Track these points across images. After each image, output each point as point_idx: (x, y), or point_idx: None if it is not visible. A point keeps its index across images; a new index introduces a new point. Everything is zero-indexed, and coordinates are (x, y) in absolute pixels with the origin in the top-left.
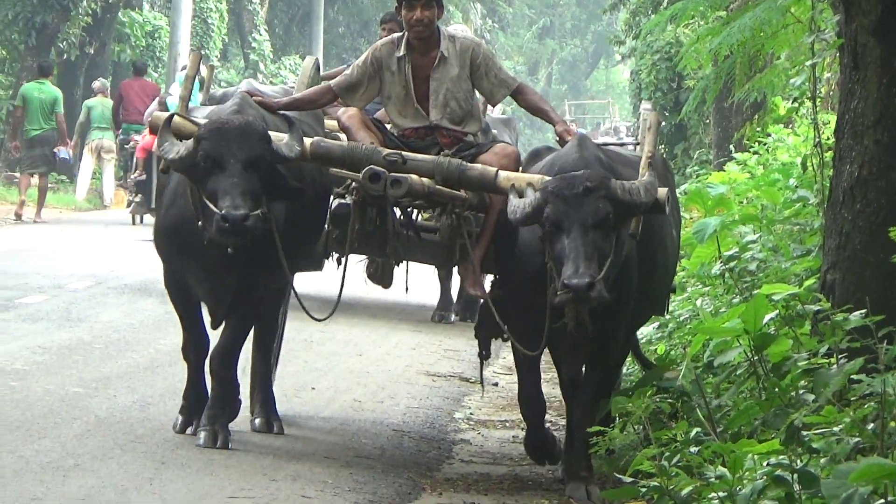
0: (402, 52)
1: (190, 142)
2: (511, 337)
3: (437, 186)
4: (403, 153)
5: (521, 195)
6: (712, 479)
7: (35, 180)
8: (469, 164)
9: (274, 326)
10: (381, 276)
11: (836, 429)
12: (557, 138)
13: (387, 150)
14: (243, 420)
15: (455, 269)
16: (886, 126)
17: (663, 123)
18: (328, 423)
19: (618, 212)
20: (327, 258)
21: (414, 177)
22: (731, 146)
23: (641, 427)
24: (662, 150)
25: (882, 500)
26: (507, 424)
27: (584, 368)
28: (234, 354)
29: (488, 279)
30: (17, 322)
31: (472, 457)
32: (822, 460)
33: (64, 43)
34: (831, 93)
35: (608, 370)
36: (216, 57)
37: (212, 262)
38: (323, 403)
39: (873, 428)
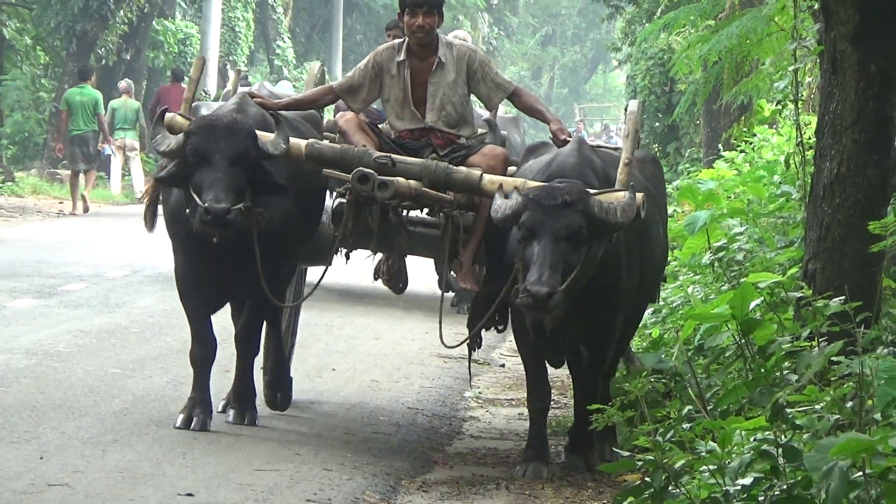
0: (402, 57)
1: (180, 136)
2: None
3: (424, 189)
4: (393, 156)
5: (507, 196)
6: (703, 453)
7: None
8: (455, 168)
9: (277, 311)
10: (393, 281)
11: (817, 407)
12: (551, 136)
13: (377, 153)
14: (259, 396)
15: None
16: (863, 126)
17: (657, 125)
18: (348, 401)
19: (591, 227)
20: (336, 254)
21: (401, 180)
22: (720, 145)
23: (637, 405)
24: (656, 149)
25: (860, 473)
26: (514, 402)
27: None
28: (258, 333)
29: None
30: (60, 308)
31: (481, 432)
32: (805, 436)
33: (102, 49)
34: (812, 96)
35: (606, 354)
36: (243, 63)
37: (213, 251)
38: (343, 383)
39: (852, 406)
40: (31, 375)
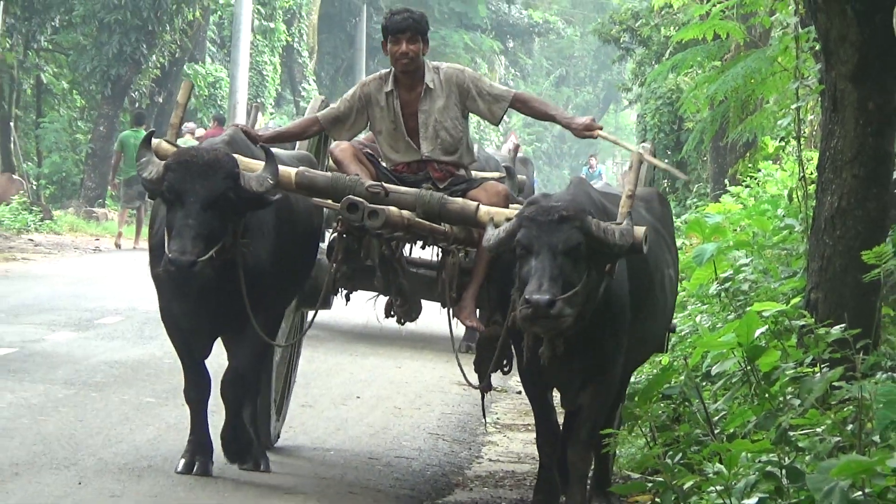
0: (389, 87)
1: (161, 167)
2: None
3: (417, 219)
4: (386, 185)
5: (499, 227)
6: (711, 475)
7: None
8: (450, 198)
9: (259, 362)
10: (405, 310)
11: (819, 430)
12: (577, 134)
13: (369, 182)
14: (289, 422)
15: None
16: (862, 162)
17: (666, 161)
18: (372, 427)
19: (590, 245)
20: (335, 294)
21: (392, 208)
22: (726, 180)
23: (648, 429)
24: (665, 185)
25: (860, 493)
26: (530, 428)
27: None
28: (244, 378)
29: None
30: (97, 340)
31: (499, 456)
32: (807, 457)
33: (136, 93)
34: (814, 133)
35: (603, 408)
36: (270, 104)
37: (194, 290)
38: (367, 410)
39: (852, 429)
40: (69, 405)
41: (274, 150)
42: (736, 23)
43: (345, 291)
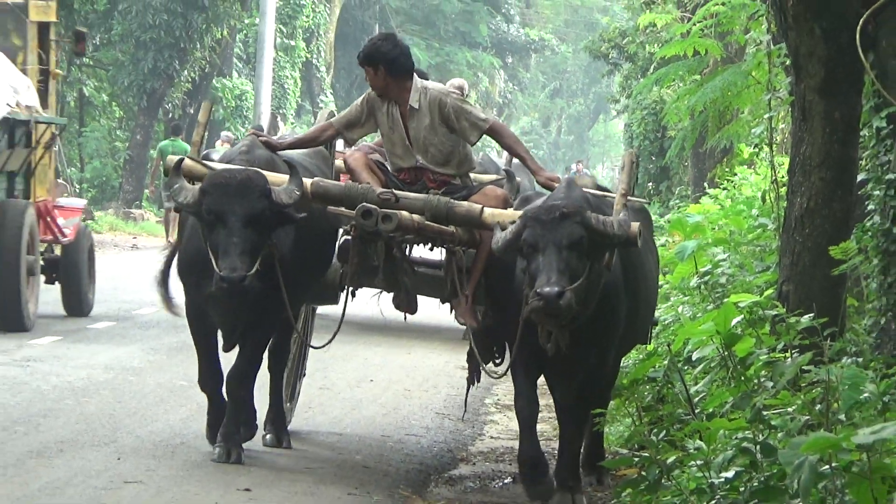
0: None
1: (196, 190)
2: (482, 364)
3: (427, 222)
4: (396, 192)
5: (505, 230)
6: (692, 451)
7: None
8: (456, 202)
9: (284, 354)
10: (406, 304)
11: (790, 409)
12: (540, 185)
13: (380, 189)
14: (308, 403)
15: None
16: (829, 167)
17: (651, 166)
18: (384, 407)
19: (591, 238)
20: (342, 291)
21: (404, 213)
22: (706, 183)
23: (635, 409)
24: (649, 188)
25: (827, 466)
26: None
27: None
28: (250, 376)
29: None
30: (134, 329)
31: (500, 434)
32: (779, 434)
33: (169, 105)
34: (785, 140)
35: (598, 393)
36: (291, 115)
37: (224, 293)
38: (379, 392)
39: (820, 408)
40: (109, 387)
41: (289, 152)
42: (714, 40)
43: (350, 288)
